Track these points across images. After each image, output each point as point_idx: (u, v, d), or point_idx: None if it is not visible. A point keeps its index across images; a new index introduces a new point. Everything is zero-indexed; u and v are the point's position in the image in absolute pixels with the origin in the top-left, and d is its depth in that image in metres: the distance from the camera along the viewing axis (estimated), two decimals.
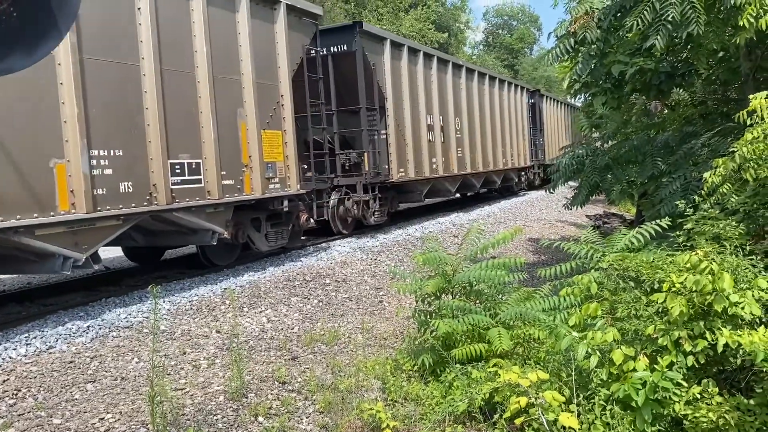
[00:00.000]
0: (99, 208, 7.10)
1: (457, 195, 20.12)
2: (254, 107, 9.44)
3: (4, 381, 5.13)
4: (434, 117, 16.34)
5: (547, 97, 29.53)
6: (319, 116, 11.73)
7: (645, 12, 6.12)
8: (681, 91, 9.16)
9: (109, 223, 7.29)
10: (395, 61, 14.38)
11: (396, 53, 14.50)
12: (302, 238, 12.30)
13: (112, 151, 7.32)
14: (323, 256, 10.76)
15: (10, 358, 5.66)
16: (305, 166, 11.55)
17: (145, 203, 7.71)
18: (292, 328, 7.04)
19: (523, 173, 24.62)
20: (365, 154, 13.24)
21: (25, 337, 6.26)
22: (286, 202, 10.20)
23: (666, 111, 10.98)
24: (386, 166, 13.92)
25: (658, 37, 6.05)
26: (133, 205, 7.55)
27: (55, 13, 1.64)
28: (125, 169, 7.49)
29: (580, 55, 8.02)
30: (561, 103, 33.17)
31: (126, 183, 7.49)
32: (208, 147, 8.66)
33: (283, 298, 8.07)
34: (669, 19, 5.93)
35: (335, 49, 13.21)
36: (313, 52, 11.43)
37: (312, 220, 12.02)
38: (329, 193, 12.80)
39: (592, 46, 7.59)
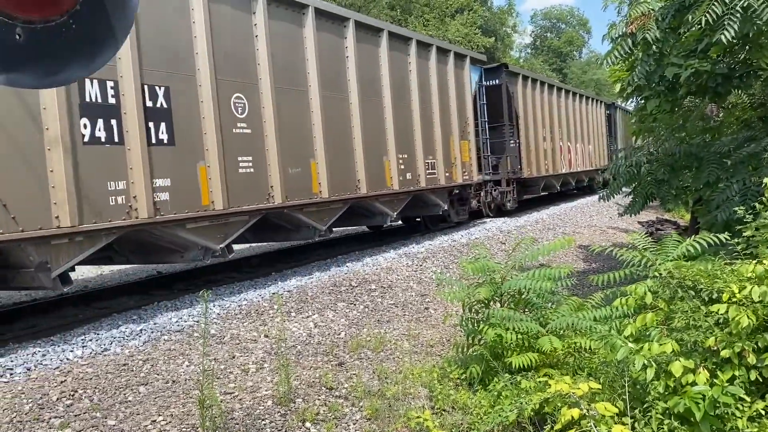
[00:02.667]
0: None
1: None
2: None
3: (61, 382, 5.28)
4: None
5: (527, 78, 19.46)
6: None
7: (715, 4, 5.92)
8: (741, 93, 8.84)
9: None
10: None
11: None
12: None
13: None
14: (369, 261, 10.77)
15: (68, 359, 5.83)
16: None
17: None
18: (339, 334, 7.05)
19: (463, 192, 15.24)
20: None
21: (82, 340, 6.45)
22: None
23: (722, 114, 10.62)
24: None
25: (725, 32, 5.86)
26: None
27: (113, 25, 1.68)
28: None
29: (638, 57, 7.83)
30: (563, 91, 22.92)
31: None
32: None
33: (330, 304, 8.11)
34: (740, 7, 5.73)
35: None
36: None
37: None
38: None
39: (653, 48, 7.39)
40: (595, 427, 3.92)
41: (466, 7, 42.99)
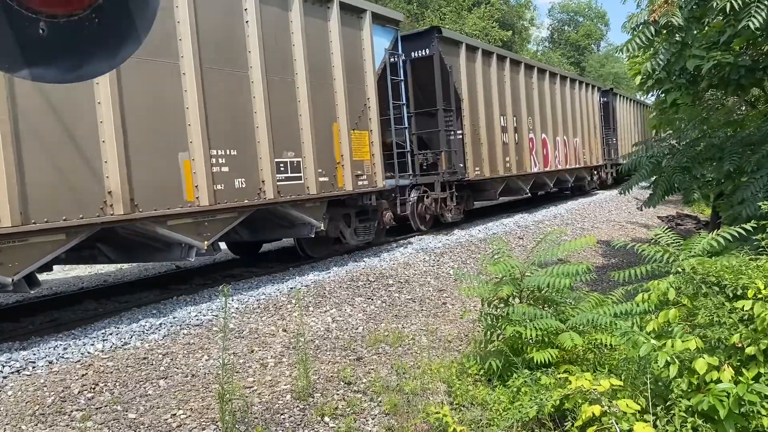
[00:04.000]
0: None
1: None
2: None
3: (83, 375, 5.34)
4: None
5: (475, 49, 14.85)
6: None
7: None
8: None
9: None
10: None
11: None
12: None
13: None
14: (386, 257, 10.76)
15: (89, 353, 5.89)
16: None
17: None
18: (357, 329, 7.06)
19: (364, 203, 11.08)
20: None
21: (102, 333, 6.51)
22: None
23: (744, 107, 10.46)
24: None
25: (753, 19, 5.76)
26: None
27: (134, 19, 1.67)
28: None
29: (661, 44, 7.73)
30: (536, 70, 18.26)
31: None
32: None
33: (348, 298, 8.11)
34: None
35: None
36: None
37: None
38: None
39: (676, 36, 7.30)
40: (617, 423, 3.88)
41: (483, 1, 42.73)
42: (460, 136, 13.88)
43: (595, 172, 24.35)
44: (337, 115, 10.07)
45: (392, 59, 12.25)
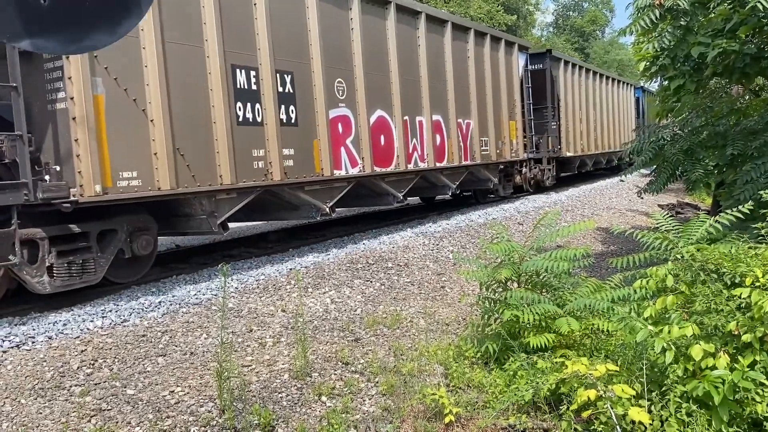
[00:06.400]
0: None
1: None
2: None
3: (82, 351, 5.36)
4: None
5: None
6: None
7: None
8: None
9: None
10: None
11: None
12: None
13: None
14: (385, 240, 10.77)
15: (88, 329, 5.92)
16: None
17: None
18: (355, 310, 7.08)
19: None
20: None
21: (101, 310, 6.53)
22: None
23: (748, 96, 10.41)
24: None
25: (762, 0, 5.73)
26: None
27: None
28: None
29: (665, 28, 7.68)
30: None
31: None
32: None
33: (347, 280, 8.13)
34: None
35: None
36: None
37: None
38: None
39: (681, 21, 7.25)
40: (612, 408, 3.90)
41: None
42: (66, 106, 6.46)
43: (518, 169, 16.87)
44: None
45: None
